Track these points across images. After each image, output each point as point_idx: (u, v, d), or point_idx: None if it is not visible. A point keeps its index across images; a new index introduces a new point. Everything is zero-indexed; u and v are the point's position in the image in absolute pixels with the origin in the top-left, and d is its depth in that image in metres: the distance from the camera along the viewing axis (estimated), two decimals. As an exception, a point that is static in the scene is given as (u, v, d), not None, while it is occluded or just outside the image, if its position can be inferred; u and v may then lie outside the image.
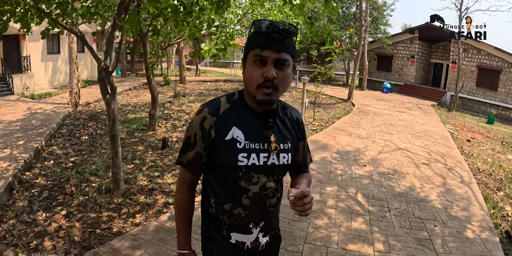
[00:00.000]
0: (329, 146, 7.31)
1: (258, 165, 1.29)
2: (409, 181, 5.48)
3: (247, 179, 1.29)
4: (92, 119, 9.21)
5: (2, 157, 5.82)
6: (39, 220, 4.02)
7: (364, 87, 20.03)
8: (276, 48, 1.18)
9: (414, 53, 21.80)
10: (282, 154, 1.33)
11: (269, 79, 1.18)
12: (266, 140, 1.30)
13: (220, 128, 1.27)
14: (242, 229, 1.34)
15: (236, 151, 1.26)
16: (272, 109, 1.32)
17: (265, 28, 1.18)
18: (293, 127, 1.41)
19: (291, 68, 1.25)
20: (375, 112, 12.65)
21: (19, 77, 12.89)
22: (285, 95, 15.50)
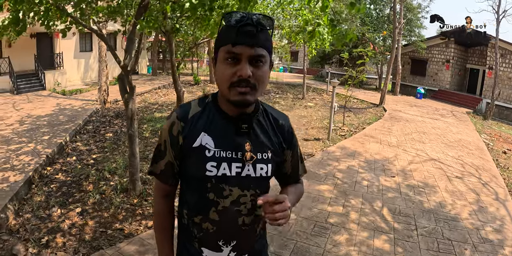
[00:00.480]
0: (357, 153, 7.00)
1: (230, 176, 1.14)
2: (440, 196, 5.09)
3: (217, 191, 1.15)
4: (118, 117, 9.30)
5: (26, 151, 5.93)
6: (54, 216, 4.03)
7: (397, 92, 19.33)
8: (250, 43, 1.03)
9: (449, 58, 20.83)
10: (260, 165, 1.17)
11: (244, 78, 1.03)
12: (240, 149, 1.14)
13: (188, 134, 1.15)
14: (211, 246, 1.20)
15: (205, 159, 1.13)
16: (247, 113, 1.16)
17: (236, 21, 1.04)
18: (276, 134, 1.22)
19: (268, 65, 1.09)
20: (407, 118, 12.13)
21: (51, 74, 13.32)
22: (316, 98, 15.22)
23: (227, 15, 1.06)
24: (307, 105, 13.41)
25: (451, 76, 21.16)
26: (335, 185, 5.13)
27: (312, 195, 4.66)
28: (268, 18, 1.07)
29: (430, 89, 21.43)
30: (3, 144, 6.39)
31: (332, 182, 5.26)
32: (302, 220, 3.94)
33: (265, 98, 14.25)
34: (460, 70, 21.59)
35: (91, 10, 3.81)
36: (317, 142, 7.80)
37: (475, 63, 21.20)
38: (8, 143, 6.45)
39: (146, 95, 13.22)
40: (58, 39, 13.74)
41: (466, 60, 21.60)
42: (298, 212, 4.10)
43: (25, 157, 5.63)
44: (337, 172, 5.75)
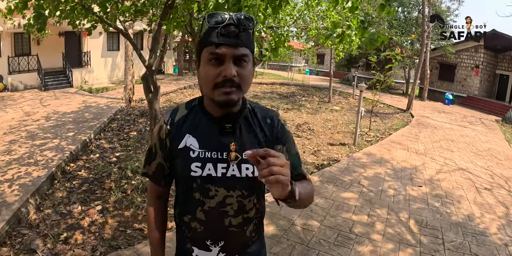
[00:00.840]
0: (383, 160, 6.77)
1: (215, 176, 1.14)
2: (468, 208, 4.84)
3: (202, 191, 1.16)
4: (143, 116, 9.36)
5: (51, 147, 6.02)
6: (74, 212, 4.04)
7: (424, 97, 18.79)
8: (233, 43, 1.02)
9: (478, 63, 20.06)
10: (245, 165, 1.15)
11: (229, 78, 1.02)
12: (225, 149, 1.14)
13: (174, 136, 1.18)
14: (200, 245, 1.22)
15: (189, 160, 1.15)
16: (231, 113, 1.15)
17: (218, 22, 1.03)
18: (264, 132, 1.20)
19: (251, 64, 1.09)
20: (435, 125, 11.74)
21: (78, 71, 13.64)
22: (342, 102, 14.99)
23: (209, 16, 1.05)
24: (333, 108, 13.19)
25: (480, 82, 20.39)
26: (360, 193, 4.95)
27: (337, 203, 4.50)
28: (249, 18, 1.07)
29: (458, 95, 20.74)
30: (28, 139, 6.53)
31: (357, 189, 5.08)
32: (326, 229, 3.79)
33: (290, 100, 14.13)
34: (490, 76, 20.79)
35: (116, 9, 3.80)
36: (343, 147, 7.62)
37: (505, 69, 20.35)
38: (34, 138, 6.57)
39: (172, 94, 13.32)
40: (86, 38, 14.06)
41: (496, 66, 20.76)
42: (321, 220, 3.97)
43: (49, 153, 5.72)
44: (363, 179, 5.57)
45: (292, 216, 4.00)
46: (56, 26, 5.23)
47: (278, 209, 4.09)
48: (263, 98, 13.82)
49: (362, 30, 3.27)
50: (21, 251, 3.30)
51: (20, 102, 10.41)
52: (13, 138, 6.68)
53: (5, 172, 4.95)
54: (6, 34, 12.39)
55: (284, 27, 6.89)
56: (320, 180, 5.31)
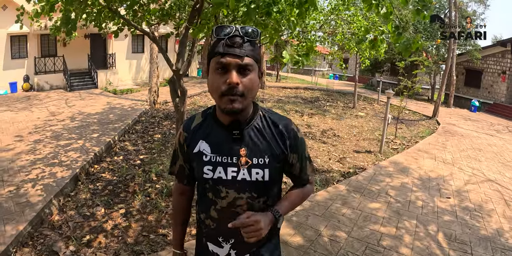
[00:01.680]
0: (410, 169, 6.57)
1: (225, 179, 1.25)
2: (497, 222, 4.61)
3: (214, 192, 1.27)
4: (167, 118, 9.40)
5: (75, 148, 6.08)
6: (98, 215, 4.03)
7: (450, 104, 18.26)
8: (237, 53, 1.12)
9: (505, 69, 19.35)
10: (255, 169, 1.24)
11: (233, 86, 1.11)
12: (235, 154, 1.24)
13: (190, 142, 1.30)
14: (214, 241, 1.34)
15: (202, 163, 1.26)
16: (239, 121, 1.24)
17: (225, 34, 1.14)
18: (275, 139, 1.27)
19: (256, 72, 1.18)
20: (462, 133, 11.36)
21: (104, 73, 13.89)
22: (367, 108, 14.73)
23: (217, 28, 1.16)
24: (358, 114, 12.96)
25: (507, 89, 19.67)
26: (388, 204, 4.78)
27: (364, 214, 4.35)
28: (254, 30, 1.17)
29: (484, 102, 20.09)
30: (53, 139, 6.62)
31: (384, 200, 4.91)
32: (353, 241, 3.65)
33: (315, 105, 13.97)
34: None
35: (143, 12, 3.78)
36: (369, 155, 7.44)
37: (533, 75, 19.60)
38: (58, 138, 6.67)
39: (196, 97, 13.37)
40: (111, 40, 14.31)
41: (524, 72, 20.01)
42: (349, 232, 3.83)
43: (73, 154, 5.77)
44: (390, 189, 5.38)
45: (319, 226, 3.88)
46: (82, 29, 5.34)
47: (305, 219, 3.99)
48: (287, 103, 13.70)
49: (396, 36, 3.14)
50: (43, 252, 3.30)
51: (46, 102, 10.64)
52: (38, 137, 6.80)
53: (29, 171, 5.02)
54: (33, 35, 12.75)
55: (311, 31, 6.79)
56: (347, 189, 5.17)
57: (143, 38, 16.00)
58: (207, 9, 4.17)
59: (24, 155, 5.73)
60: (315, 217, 4.11)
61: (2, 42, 12.14)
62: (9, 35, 12.23)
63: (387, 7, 3.04)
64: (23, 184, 4.57)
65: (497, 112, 18.64)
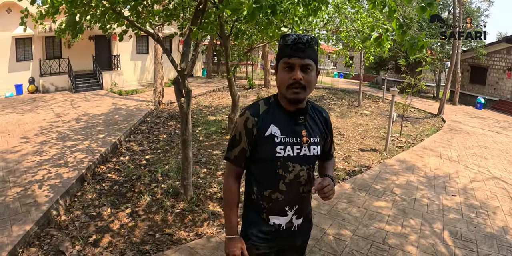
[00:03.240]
0: (416, 167, 6.53)
1: (292, 156, 1.53)
2: (503, 220, 4.59)
3: (284, 168, 1.52)
4: (172, 118, 9.42)
5: (81, 148, 6.12)
6: (104, 215, 4.06)
7: (455, 101, 18.10)
8: (301, 56, 1.43)
9: (511, 65, 19.20)
10: (313, 146, 1.57)
11: (297, 81, 1.43)
12: (299, 135, 1.54)
13: (261, 126, 1.51)
14: (279, 212, 1.57)
15: (275, 144, 1.51)
16: (302, 108, 1.55)
17: (291, 41, 1.44)
18: (321, 123, 1.64)
19: (315, 71, 1.49)
20: (467, 130, 11.27)
21: (108, 74, 13.96)
22: (371, 106, 14.66)
23: (284, 36, 1.48)
24: (363, 113, 12.91)
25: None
26: (393, 202, 4.76)
27: (370, 212, 4.34)
28: (313, 38, 1.47)
29: (490, 99, 19.91)
30: (59, 140, 6.67)
31: (390, 198, 4.89)
32: (359, 239, 3.65)
33: (320, 103, 13.93)
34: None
35: (147, 13, 3.79)
36: (374, 153, 7.41)
37: (539, 71, 19.38)
38: (64, 139, 6.71)
39: (201, 97, 13.40)
40: (116, 41, 14.37)
41: (530, 68, 19.80)
42: (354, 230, 3.83)
43: (79, 154, 5.81)
44: (395, 187, 5.36)
45: (324, 225, 3.88)
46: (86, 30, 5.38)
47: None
48: (293, 101, 13.68)
49: (401, 34, 3.13)
50: (49, 252, 3.33)
51: (51, 104, 10.72)
52: (44, 139, 6.85)
53: (35, 172, 5.07)
54: (38, 38, 12.84)
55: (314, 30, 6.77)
56: (352, 187, 5.16)
57: (147, 39, 16.05)
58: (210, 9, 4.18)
59: (31, 156, 5.78)
60: (321, 215, 4.11)
61: (7, 44, 12.25)
62: (14, 38, 12.33)
63: (390, 5, 3.03)
64: (29, 185, 4.61)
65: (502, 109, 18.47)
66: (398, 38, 3.18)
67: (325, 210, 4.27)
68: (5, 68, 12.43)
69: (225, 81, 18.04)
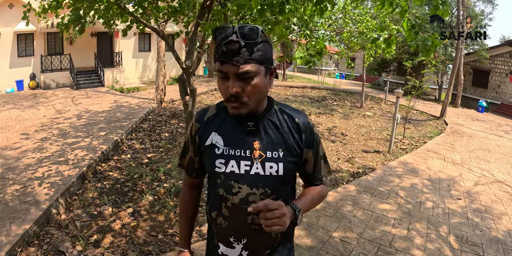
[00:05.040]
0: (420, 170, 6.51)
1: (238, 173, 1.19)
2: (508, 224, 4.57)
3: (226, 188, 1.21)
4: (174, 117, 9.35)
5: (82, 146, 6.04)
6: (105, 214, 3.99)
7: (457, 104, 18.07)
8: (234, 62, 1.06)
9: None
10: (269, 163, 1.19)
11: (233, 94, 1.09)
12: (249, 147, 1.19)
13: (202, 134, 1.26)
14: (225, 241, 1.26)
15: (214, 156, 1.21)
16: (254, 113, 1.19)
17: (221, 39, 1.07)
18: (291, 133, 1.22)
19: (261, 75, 1.11)
20: (470, 134, 11.24)
21: (110, 71, 13.90)
22: (374, 107, 14.61)
23: (214, 32, 1.10)
24: (366, 114, 12.86)
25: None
26: (398, 205, 4.71)
27: (375, 215, 4.28)
28: (252, 29, 1.07)
29: (492, 102, 19.90)
30: (60, 137, 6.59)
31: (395, 201, 4.84)
32: (365, 242, 3.59)
33: (322, 104, 13.89)
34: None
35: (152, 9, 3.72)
36: (377, 155, 7.36)
37: (541, 75, 19.37)
38: (65, 136, 6.64)
39: (203, 96, 13.34)
40: (118, 38, 14.31)
41: (532, 72, 19.80)
42: (360, 233, 3.77)
43: (80, 152, 5.74)
44: (400, 190, 5.31)
45: (330, 227, 3.82)
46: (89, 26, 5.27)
47: (316, 220, 3.93)
48: (294, 102, 13.63)
49: (413, 34, 3.07)
50: (49, 252, 3.26)
51: (52, 100, 10.65)
52: (45, 135, 6.78)
53: (35, 170, 4.99)
54: (40, 33, 12.79)
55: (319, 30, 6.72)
56: (357, 189, 5.10)
57: (149, 37, 16.00)
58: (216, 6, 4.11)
59: (31, 153, 5.71)
60: (326, 218, 4.05)
61: (8, 40, 12.18)
62: (16, 33, 12.27)
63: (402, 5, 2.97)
64: (29, 183, 4.54)
65: (504, 113, 18.45)
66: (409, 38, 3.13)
67: (331, 212, 4.21)
68: (6, 64, 12.38)
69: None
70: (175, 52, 3.96)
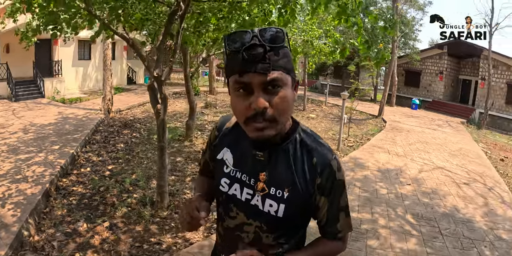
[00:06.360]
0: (369, 164, 7.19)
1: (238, 199, 1.06)
2: (453, 201, 5.45)
3: (225, 209, 1.11)
4: (126, 127, 9.14)
5: (38, 161, 5.73)
6: (81, 231, 3.86)
7: (393, 103, 19.55)
8: (259, 69, 0.87)
9: (442, 69, 21.36)
10: (270, 200, 1.01)
11: (260, 111, 0.88)
12: (255, 176, 1.03)
13: (217, 144, 1.15)
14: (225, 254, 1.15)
15: (222, 174, 1.10)
16: (270, 141, 0.99)
17: (239, 46, 0.88)
18: (303, 171, 1.00)
19: (289, 85, 0.93)
20: (407, 129, 12.34)
21: (50, 81, 13.08)
22: (316, 110, 15.31)
23: (229, 37, 0.91)
24: (309, 116, 13.49)
25: (445, 87, 21.67)
26: (357, 194, 5.32)
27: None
28: (278, 31, 0.90)
29: (424, 100, 21.84)
30: (10, 153, 6.18)
31: (353, 191, 5.43)
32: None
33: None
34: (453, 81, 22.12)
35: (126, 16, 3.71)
36: (328, 153, 7.90)
37: (467, 74, 21.81)
38: (16, 152, 6.23)
39: (149, 105, 13.06)
40: (57, 46, 13.53)
41: (459, 71, 22.20)
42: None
43: (37, 168, 5.44)
44: (355, 181, 5.93)
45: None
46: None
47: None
48: (237, 109, 13.79)
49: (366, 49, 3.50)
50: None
51: (-10, 114, 9.82)
52: (-8, 152, 6.29)
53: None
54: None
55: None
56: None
57: (89, 45, 15.31)
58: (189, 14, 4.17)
59: (-19, 173, 5.29)
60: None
61: None
62: None
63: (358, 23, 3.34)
64: (-10, 205, 4.24)
65: (436, 109, 20.36)
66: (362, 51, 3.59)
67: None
68: None
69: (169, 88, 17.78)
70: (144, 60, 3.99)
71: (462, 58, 21.55)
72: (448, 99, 21.91)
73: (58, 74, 13.79)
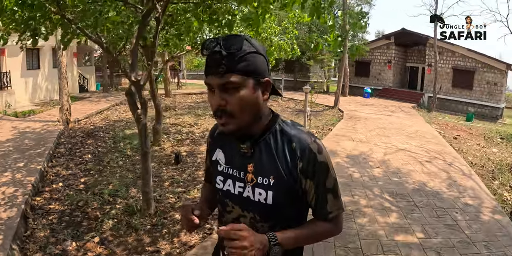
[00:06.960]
0: (337, 151, 7.58)
1: (232, 193, 1.19)
2: (419, 177, 6.00)
3: (223, 205, 1.25)
4: (89, 137, 8.82)
5: (6, 182, 5.37)
6: (70, 250, 3.66)
7: (346, 93, 20.33)
8: (216, 72, 1.02)
9: (391, 58, 22.58)
10: (258, 189, 1.12)
11: (218, 108, 1.05)
12: (243, 169, 1.16)
13: (211, 148, 1.30)
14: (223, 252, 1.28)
15: (216, 172, 1.25)
16: (249, 134, 1.13)
17: (205, 50, 1.04)
18: (285, 158, 1.10)
19: (248, 88, 1.04)
20: (364, 117, 12.93)
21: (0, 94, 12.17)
22: (273, 105, 15.52)
23: (204, 43, 1.07)
24: (267, 111, 13.68)
25: (394, 75, 22.94)
26: (334, 180, 5.70)
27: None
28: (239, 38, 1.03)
29: (375, 88, 22.94)
30: (-29, 175, 5.76)
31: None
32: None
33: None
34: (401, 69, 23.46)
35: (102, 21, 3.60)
36: (294, 144, 8.18)
37: (414, 61, 23.28)
38: (-22, 173, 5.82)
39: (107, 112, 12.65)
40: (4, 56, 12.57)
41: (406, 60, 23.61)
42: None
43: (7, 189, 5.12)
44: (330, 169, 6.29)
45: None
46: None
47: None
48: (198, 108, 13.66)
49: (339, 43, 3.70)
50: None
51: None
52: (-51, 174, 5.81)
53: (-37, 215, 4.32)
54: None
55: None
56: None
57: (38, 52, 14.41)
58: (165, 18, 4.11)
59: None
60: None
61: None
62: None
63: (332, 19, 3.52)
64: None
65: (387, 96, 21.51)
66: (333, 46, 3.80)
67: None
68: None
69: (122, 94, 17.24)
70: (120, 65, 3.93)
71: (409, 47, 22.93)
72: (398, 86, 23.22)
73: (7, 87, 12.83)
